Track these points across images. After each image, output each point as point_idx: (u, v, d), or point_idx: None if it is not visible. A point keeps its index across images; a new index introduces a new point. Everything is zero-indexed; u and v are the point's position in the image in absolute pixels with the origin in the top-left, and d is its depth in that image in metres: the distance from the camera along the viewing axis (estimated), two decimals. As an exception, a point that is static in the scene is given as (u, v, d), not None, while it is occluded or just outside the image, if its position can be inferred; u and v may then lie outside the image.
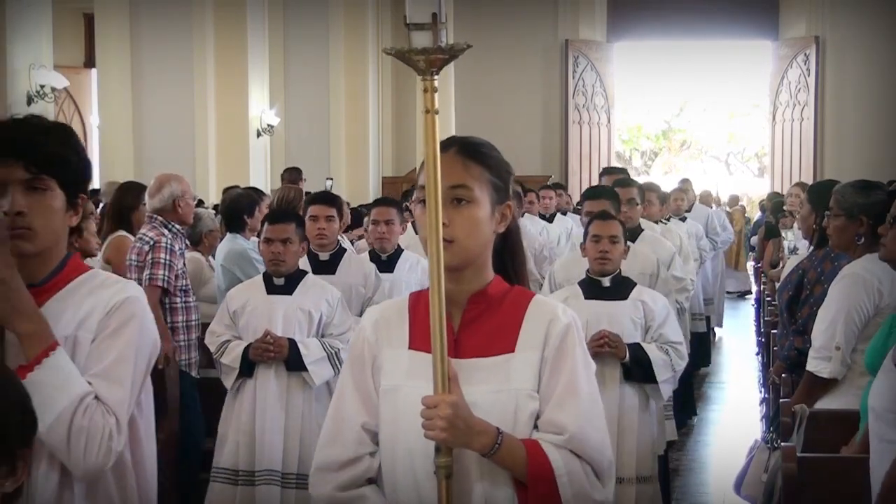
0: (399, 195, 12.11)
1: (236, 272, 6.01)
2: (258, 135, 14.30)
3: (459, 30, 17.69)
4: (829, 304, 4.30)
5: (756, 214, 18.83)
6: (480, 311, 2.26)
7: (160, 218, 5.63)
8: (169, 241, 5.53)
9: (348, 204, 7.90)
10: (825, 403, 4.26)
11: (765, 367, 7.72)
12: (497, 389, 2.20)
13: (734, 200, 20.76)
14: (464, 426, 2.09)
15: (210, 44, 13.01)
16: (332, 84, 16.50)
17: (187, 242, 6.00)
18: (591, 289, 4.88)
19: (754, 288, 15.52)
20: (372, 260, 5.90)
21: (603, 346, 4.68)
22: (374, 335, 2.33)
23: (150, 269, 5.46)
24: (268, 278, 5.00)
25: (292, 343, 4.83)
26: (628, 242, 5.92)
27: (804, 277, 4.91)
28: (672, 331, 4.84)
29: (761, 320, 9.16)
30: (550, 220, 9.99)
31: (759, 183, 28.87)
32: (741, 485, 4.11)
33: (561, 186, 12.84)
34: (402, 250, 6.07)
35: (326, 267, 5.43)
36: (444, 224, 2.15)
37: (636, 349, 4.73)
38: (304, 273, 5.04)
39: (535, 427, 2.20)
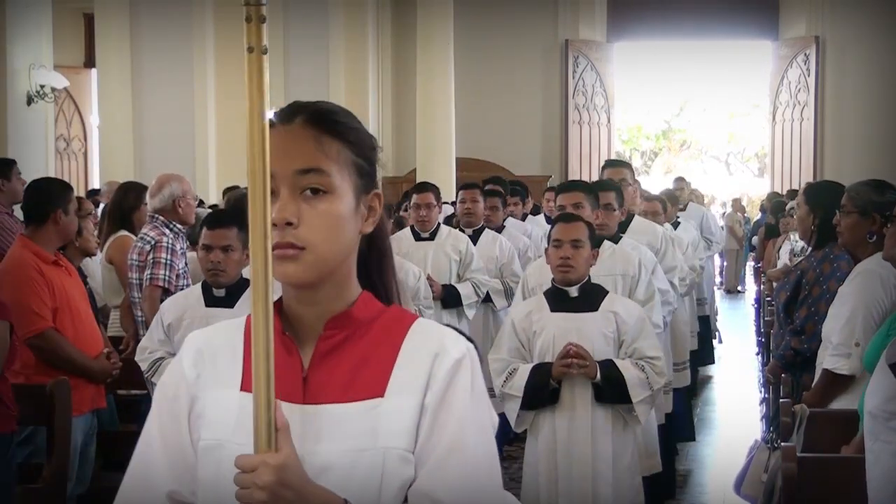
0: (399, 195, 12.11)
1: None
2: (258, 135, 14.27)
3: (459, 30, 17.68)
4: (846, 301, 4.28)
5: (756, 215, 18.83)
6: (340, 340, 1.66)
7: (161, 218, 5.64)
8: (170, 241, 5.54)
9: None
10: (841, 402, 4.26)
11: (765, 367, 7.73)
12: (359, 448, 1.61)
13: (738, 205, 20.74)
14: (293, 497, 1.50)
15: (210, 44, 13.02)
16: (332, 84, 16.49)
17: (188, 242, 6.01)
18: (557, 299, 4.43)
19: (754, 288, 15.53)
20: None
21: (570, 366, 4.25)
22: (195, 371, 1.72)
23: (152, 269, 5.48)
24: (207, 289, 4.52)
25: None
26: (620, 235, 5.64)
27: (802, 278, 4.92)
28: (648, 345, 4.38)
29: (761, 320, 9.16)
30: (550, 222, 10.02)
31: (759, 183, 28.86)
32: (741, 485, 4.11)
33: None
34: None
35: None
36: (289, 224, 1.60)
37: (608, 367, 4.29)
38: (247, 283, 4.36)
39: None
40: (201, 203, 9.00)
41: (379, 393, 1.63)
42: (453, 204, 8.92)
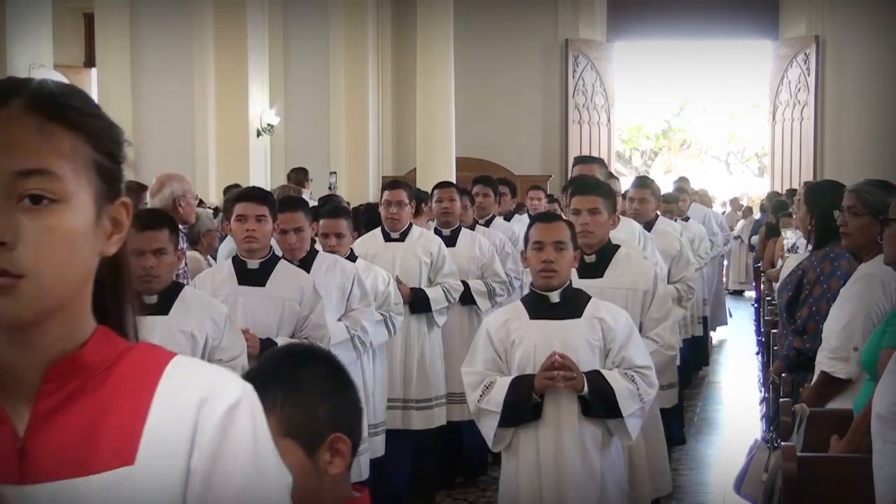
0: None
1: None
2: (258, 134, 14.30)
3: (459, 30, 17.68)
4: (845, 304, 4.27)
5: (756, 214, 18.82)
6: (68, 394, 1.26)
7: (160, 218, 5.64)
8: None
9: (348, 204, 7.87)
10: (837, 404, 4.26)
11: (765, 367, 7.72)
12: None
13: (736, 205, 20.72)
14: None
15: (210, 44, 13.02)
16: (332, 84, 16.49)
17: (188, 242, 6.01)
18: (537, 306, 4.07)
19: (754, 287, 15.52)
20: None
21: (555, 379, 3.88)
22: None
23: (151, 269, 5.47)
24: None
25: None
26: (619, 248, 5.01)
27: (804, 278, 4.91)
28: (637, 353, 4.05)
29: (761, 320, 9.16)
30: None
31: (759, 183, 28.86)
32: (741, 484, 4.11)
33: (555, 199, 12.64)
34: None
35: (255, 277, 4.74)
36: (0, 243, 1.20)
37: (595, 378, 3.94)
38: (181, 287, 4.28)
39: None
40: (201, 203, 8.99)
41: (128, 460, 1.22)
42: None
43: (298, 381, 1.92)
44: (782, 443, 3.88)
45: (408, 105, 18.61)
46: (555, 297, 4.06)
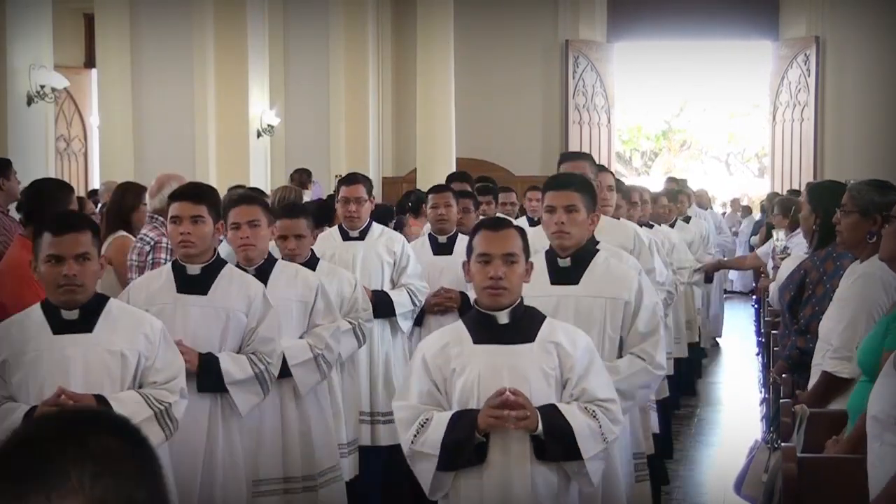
0: (399, 195, 12.11)
1: (238, 272, 6.01)
2: (258, 135, 14.30)
3: (459, 30, 17.68)
4: (847, 303, 4.28)
5: (756, 215, 18.83)
6: None
7: (161, 218, 5.63)
8: (170, 242, 5.53)
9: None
10: (839, 404, 4.26)
11: (765, 367, 7.72)
12: None
13: (736, 205, 20.70)
14: None
15: (210, 44, 13.01)
16: (332, 84, 16.49)
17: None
18: (482, 328, 3.46)
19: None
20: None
21: (504, 418, 3.26)
22: None
23: (151, 270, 5.46)
24: (51, 311, 3.61)
25: (102, 398, 3.53)
26: (596, 241, 4.44)
27: (806, 278, 4.92)
28: (600, 384, 3.46)
29: (761, 320, 9.15)
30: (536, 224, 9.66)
31: (760, 183, 28.86)
32: (741, 485, 4.11)
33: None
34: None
35: (196, 285, 4.27)
36: None
37: (551, 414, 3.34)
38: (105, 299, 3.70)
39: None
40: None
41: None
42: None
43: (105, 455, 1.26)
44: (782, 443, 3.88)
45: (408, 105, 18.61)
46: (503, 317, 3.45)
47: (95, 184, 15.47)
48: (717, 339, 12.53)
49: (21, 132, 10.46)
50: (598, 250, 4.18)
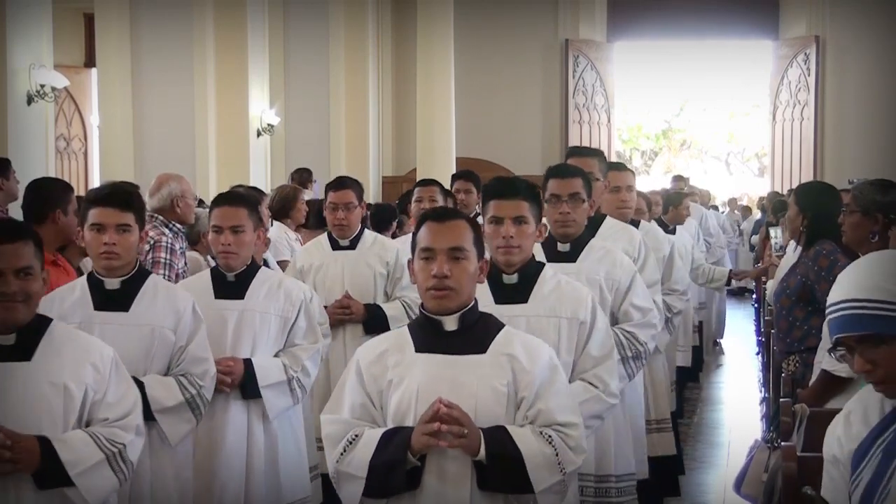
0: (399, 195, 12.11)
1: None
2: (258, 134, 14.30)
3: (459, 30, 17.68)
4: None
5: (757, 214, 18.83)
6: None
7: (160, 217, 5.63)
8: (169, 241, 5.53)
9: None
10: (838, 403, 4.26)
11: (765, 366, 7.72)
12: None
13: (734, 205, 20.69)
14: None
15: (210, 44, 13.01)
16: (332, 84, 16.49)
17: (187, 242, 6.01)
18: (427, 335, 3.04)
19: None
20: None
21: (437, 435, 2.83)
22: None
23: (151, 269, 5.46)
24: None
25: (45, 440, 3.02)
26: (589, 238, 4.40)
27: (806, 281, 4.92)
28: (561, 405, 3.02)
29: (761, 320, 9.14)
30: None
31: (759, 183, 28.86)
32: (741, 484, 4.10)
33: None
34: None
35: (116, 300, 3.82)
36: None
37: (499, 438, 2.92)
38: (47, 322, 3.21)
39: None
40: (201, 203, 9.00)
41: None
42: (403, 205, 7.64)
43: None
44: (782, 443, 3.87)
45: (408, 105, 18.62)
46: (450, 323, 3.02)
47: (95, 183, 15.47)
48: (719, 341, 12.48)
49: (21, 132, 10.46)
50: (543, 265, 3.77)
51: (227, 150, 13.38)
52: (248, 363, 4.25)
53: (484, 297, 3.45)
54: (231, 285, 4.32)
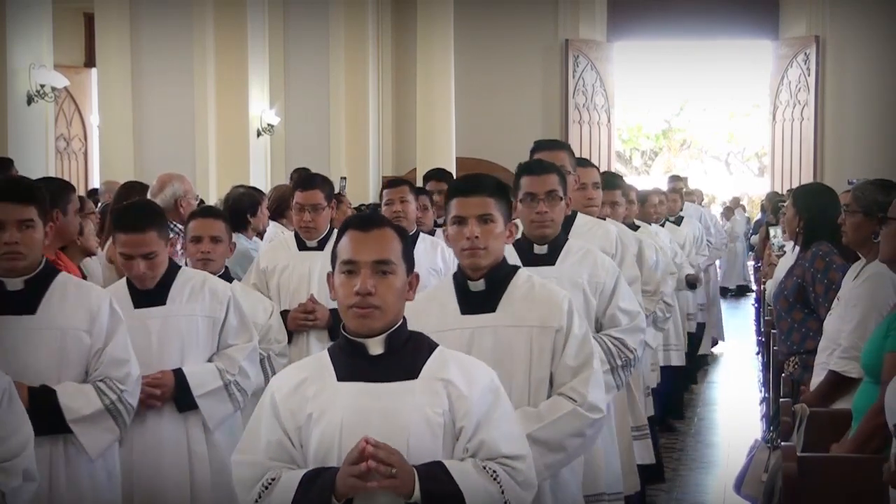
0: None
1: (238, 272, 6.00)
2: (258, 134, 14.30)
3: (459, 30, 17.68)
4: (855, 303, 4.29)
5: (756, 214, 18.85)
6: None
7: (161, 217, 5.63)
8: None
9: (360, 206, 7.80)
10: (843, 404, 4.27)
11: (765, 366, 7.72)
12: None
13: (735, 204, 20.67)
14: None
15: (210, 44, 13.01)
16: (332, 84, 16.49)
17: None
18: (350, 361, 2.70)
19: (754, 287, 15.53)
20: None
21: (365, 476, 2.52)
22: None
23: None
24: None
25: None
26: (565, 237, 4.05)
27: (802, 283, 4.93)
28: (505, 435, 2.68)
29: (761, 320, 9.15)
30: None
31: (759, 183, 28.86)
32: (741, 484, 4.11)
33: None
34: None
35: (20, 303, 3.50)
36: None
37: (434, 474, 2.60)
38: None
39: None
40: (202, 203, 9.00)
41: None
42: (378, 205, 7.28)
43: None
44: (782, 443, 3.88)
45: (408, 105, 18.62)
46: (376, 346, 2.68)
47: (95, 183, 15.47)
48: (720, 341, 12.35)
49: (21, 132, 10.46)
50: (516, 268, 3.41)
51: (227, 150, 13.38)
52: (178, 373, 3.89)
53: (449, 308, 3.28)
54: (150, 292, 3.92)
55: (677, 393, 8.63)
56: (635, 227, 6.73)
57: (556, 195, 3.96)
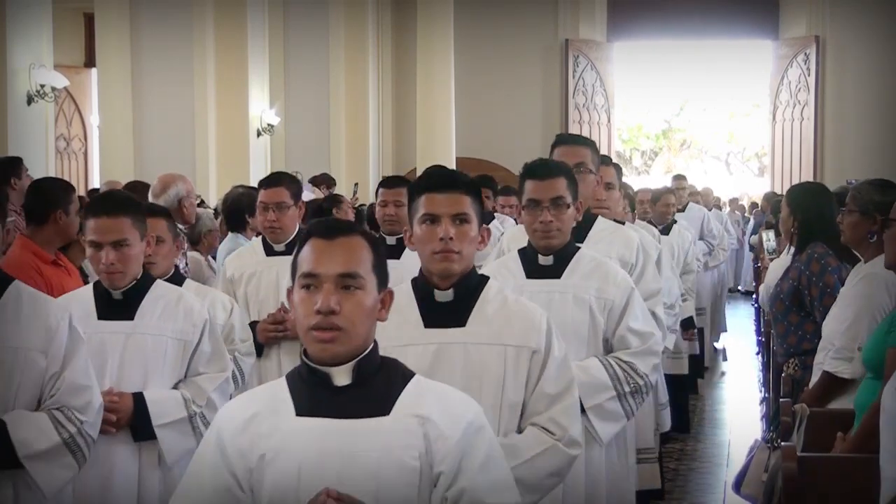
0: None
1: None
2: (258, 135, 14.31)
3: (459, 30, 17.69)
4: (849, 304, 4.30)
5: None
6: None
7: (162, 218, 5.63)
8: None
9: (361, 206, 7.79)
10: (838, 404, 4.27)
11: (765, 366, 7.72)
12: None
13: (735, 205, 20.66)
14: None
15: (210, 44, 13.02)
16: (332, 84, 16.50)
17: (189, 242, 6.02)
18: (311, 392, 2.30)
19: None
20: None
21: None
22: None
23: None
24: None
25: None
26: (577, 245, 3.69)
27: (797, 285, 4.93)
28: (491, 481, 2.29)
29: (761, 320, 9.15)
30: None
31: (759, 183, 28.86)
32: (741, 484, 4.11)
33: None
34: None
35: None
36: None
37: None
38: None
39: None
40: (202, 203, 9.01)
41: None
42: (371, 206, 6.84)
43: None
44: (782, 443, 3.88)
45: (408, 105, 18.62)
46: (341, 376, 2.28)
47: (95, 183, 15.48)
48: (721, 335, 12.01)
49: (21, 132, 10.47)
50: (486, 279, 3.03)
51: (227, 150, 13.39)
52: (138, 398, 3.45)
53: (411, 319, 2.91)
54: (117, 304, 3.52)
55: (682, 403, 8.23)
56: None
57: (562, 202, 3.56)
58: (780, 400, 4.48)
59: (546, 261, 3.63)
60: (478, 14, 19.43)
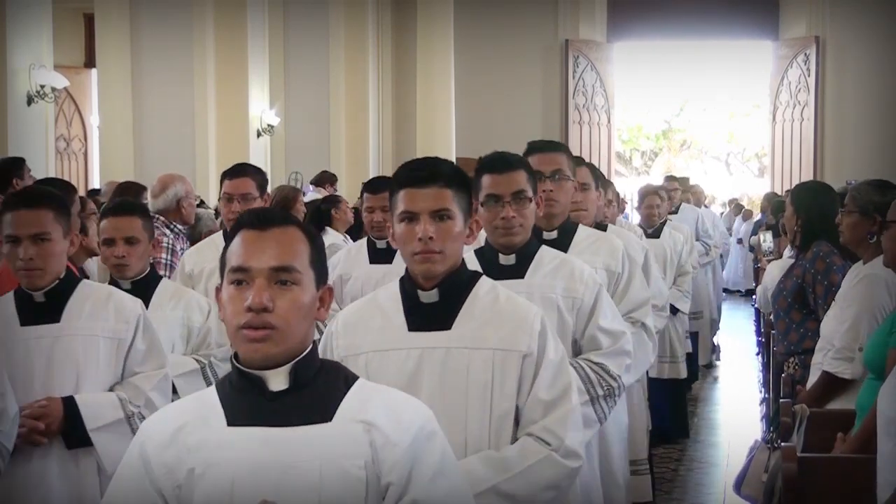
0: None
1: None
2: (258, 135, 14.31)
3: (459, 30, 17.68)
4: (849, 304, 4.30)
5: (757, 215, 18.85)
6: None
7: (162, 218, 5.65)
8: (170, 242, 5.54)
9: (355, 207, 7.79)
10: (837, 405, 4.27)
11: (765, 366, 7.72)
12: None
13: (736, 207, 20.65)
14: None
15: (210, 44, 13.02)
16: (332, 84, 16.50)
17: (188, 242, 6.02)
18: (244, 399, 2.11)
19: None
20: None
21: None
22: None
23: (151, 270, 5.46)
24: None
25: None
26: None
27: (801, 283, 4.93)
28: (445, 491, 2.10)
29: (761, 320, 9.15)
30: None
31: (760, 183, 28.87)
32: (741, 485, 4.11)
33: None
34: None
35: None
36: None
37: None
38: None
39: None
40: (201, 203, 9.00)
41: None
42: (357, 210, 6.74)
43: None
44: (782, 443, 3.88)
45: (408, 105, 18.62)
46: (277, 379, 2.09)
47: (95, 184, 15.47)
48: (719, 330, 11.87)
49: (21, 132, 10.47)
50: (478, 276, 2.82)
51: (227, 150, 13.38)
52: (68, 402, 3.23)
53: (395, 323, 2.70)
54: (41, 307, 3.27)
55: (681, 407, 8.13)
56: (603, 228, 6.03)
57: (524, 196, 3.33)
58: (780, 400, 4.48)
59: (507, 260, 3.38)
60: (478, 14, 19.43)
